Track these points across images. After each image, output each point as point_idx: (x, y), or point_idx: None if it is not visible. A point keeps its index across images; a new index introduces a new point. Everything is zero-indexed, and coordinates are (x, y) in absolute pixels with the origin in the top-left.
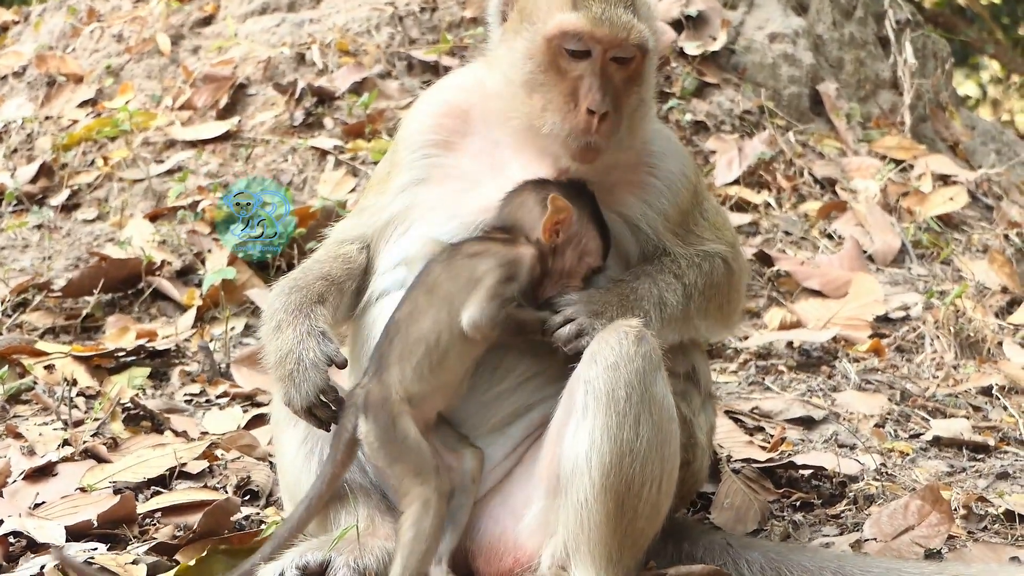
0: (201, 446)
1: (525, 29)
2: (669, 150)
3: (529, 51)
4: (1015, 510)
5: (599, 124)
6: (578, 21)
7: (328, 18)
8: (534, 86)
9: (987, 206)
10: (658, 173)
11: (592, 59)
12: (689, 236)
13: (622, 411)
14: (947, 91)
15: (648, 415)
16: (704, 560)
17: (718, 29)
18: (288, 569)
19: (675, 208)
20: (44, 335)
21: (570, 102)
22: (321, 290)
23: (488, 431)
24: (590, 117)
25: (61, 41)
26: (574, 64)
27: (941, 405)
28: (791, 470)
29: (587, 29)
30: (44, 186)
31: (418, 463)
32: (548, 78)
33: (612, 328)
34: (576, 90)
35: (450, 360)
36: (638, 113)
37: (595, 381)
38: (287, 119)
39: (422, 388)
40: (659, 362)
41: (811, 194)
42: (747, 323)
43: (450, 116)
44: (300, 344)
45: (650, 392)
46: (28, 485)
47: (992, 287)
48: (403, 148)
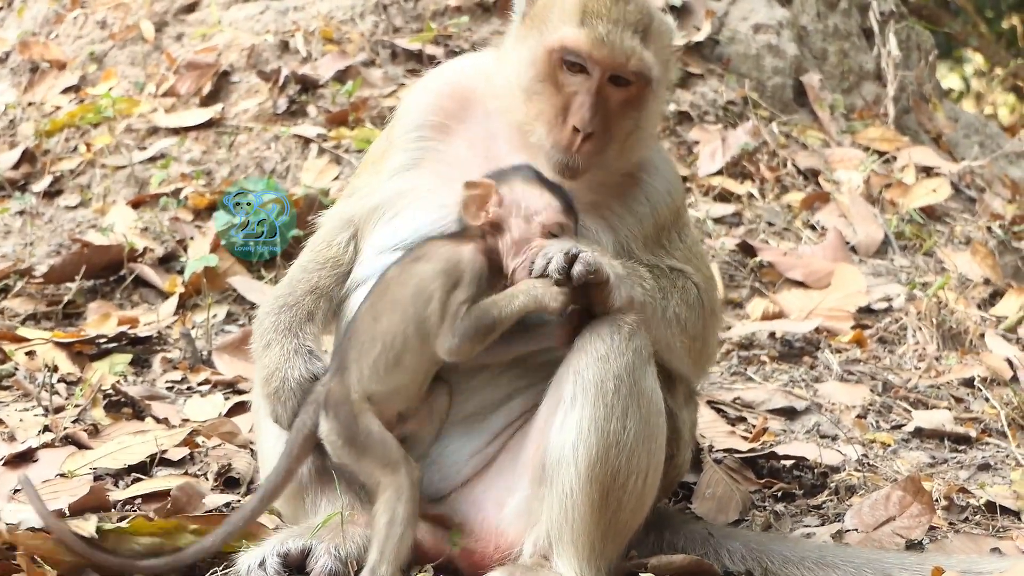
0: (182, 433)
1: (534, 35)
2: (661, 170)
3: (533, 58)
4: (996, 501)
5: (582, 143)
6: (580, 39)
7: (312, 6)
8: (532, 93)
9: (970, 198)
10: (644, 187)
11: (589, 77)
12: (659, 250)
13: (610, 403)
14: (931, 83)
15: (636, 408)
16: (685, 550)
17: (702, 19)
18: (269, 556)
19: (653, 221)
20: (25, 321)
21: (560, 116)
22: (310, 307)
23: (465, 419)
24: (574, 135)
25: (44, 27)
26: (572, 79)
27: (923, 396)
28: (773, 460)
29: (587, 49)
30: (26, 172)
31: (384, 455)
32: (545, 88)
33: (605, 320)
34: (568, 105)
35: (406, 362)
36: (632, 138)
37: (584, 372)
38: (270, 107)
39: (380, 388)
40: (649, 357)
41: (794, 185)
42: (730, 313)
43: (451, 99)
44: (286, 362)
45: (639, 386)
46: (8, 471)
47: (974, 279)
48: (399, 127)
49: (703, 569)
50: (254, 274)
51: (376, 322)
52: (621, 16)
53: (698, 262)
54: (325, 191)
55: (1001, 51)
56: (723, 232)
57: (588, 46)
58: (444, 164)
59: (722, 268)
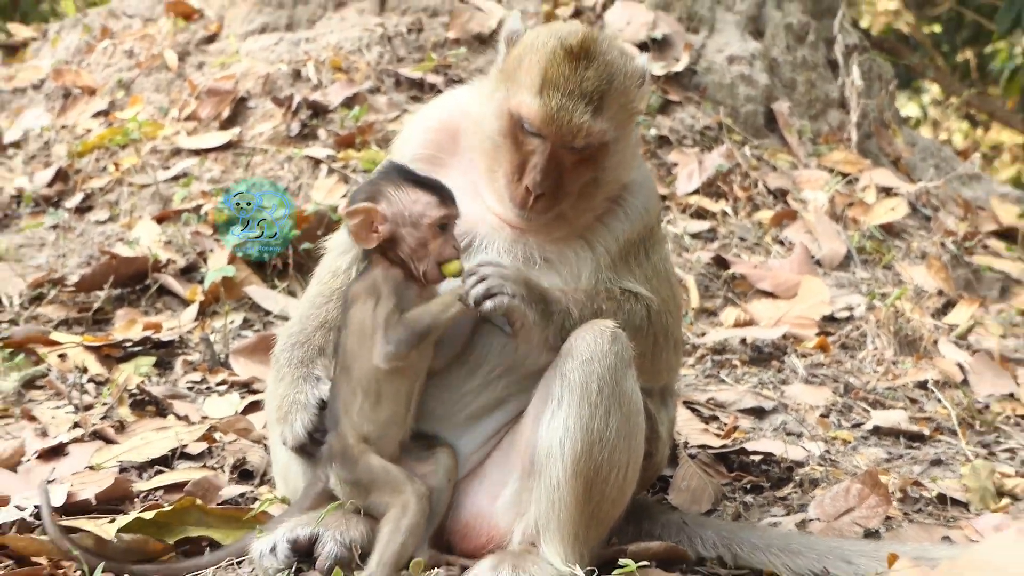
0: (201, 429)
1: (502, 90)
2: (642, 188)
3: (499, 112)
4: (947, 494)
5: (534, 202)
6: (533, 111)
7: (323, 37)
8: (496, 144)
9: (926, 216)
10: (625, 205)
11: (544, 142)
12: (623, 268)
13: (594, 403)
14: (890, 111)
15: (618, 407)
16: (662, 537)
17: (681, 51)
18: (280, 542)
19: (626, 237)
20: (58, 326)
21: (517, 173)
22: (320, 342)
23: (462, 423)
24: (527, 194)
25: (76, 56)
26: (530, 139)
27: (881, 398)
28: (743, 456)
29: (537, 123)
30: (60, 190)
31: (391, 483)
32: (506, 144)
33: (588, 326)
34: (525, 164)
35: (386, 397)
36: (591, 188)
37: (570, 375)
38: (284, 130)
39: (372, 428)
40: (630, 360)
41: (764, 203)
42: (704, 321)
43: (442, 133)
44: (295, 389)
45: (620, 387)
46: (41, 464)
47: (929, 290)
48: (397, 159)
49: (678, 555)
50: (268, 284)
51: (348, 373)
52: (577, 87)
53: (658, 282)
54: (334, 208)
55: (956, 82)
56: (699, 247)
57: (539, 120)
58: None
59: (698, 279)
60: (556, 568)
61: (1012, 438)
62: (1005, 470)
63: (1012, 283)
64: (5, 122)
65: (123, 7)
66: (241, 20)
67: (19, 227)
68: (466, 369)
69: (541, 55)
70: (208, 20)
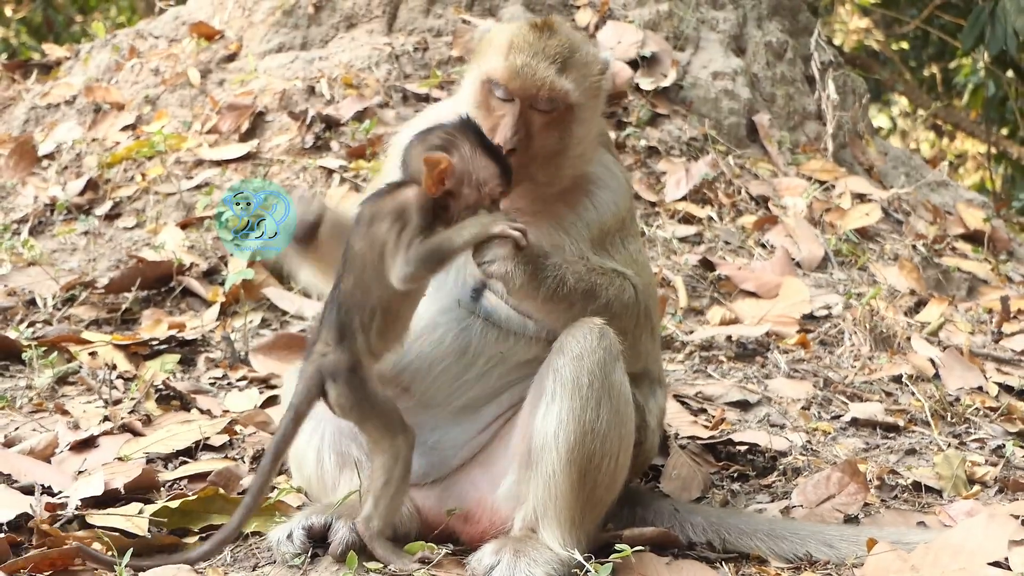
0: (223, 422)
1: (473, 68)
2: (608, 183)
3: (472, 88)
4: (921, 482)
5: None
6: (500, 71)
7: (335, 56)
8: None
9: (898, 220)
10: (592, 197)
11: (514, 103)
12: (603, 253)
13: (585, 396)
14: (864, 122)
15: (608, 399)
16: (654, 523)
17: (669, 68)
18: (296, 529)
19: (599, 226)
20: (89, 326)
21: (490, 135)
22: None
23: (459, 410)
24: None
25: (106, 74)
26: (501, 104)
27: (858, 391)
28: (730, 446)
29: (503, 80)
30: (90, 198)
31: (387, 419)
32: (479, 114)
33: (578, 324)
34: (496, 127)
35: (403, 313)
36: (559, 156)
37: (562, 369)
38: (299, 142)
39: (385, 345)
40: (618, 353)
41: (747, 209)
42: (692, 319)
43: None
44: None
45: (610, 379)
46: (73, 455)
47: (902, 290)
48: (391, 166)
49: (670, 539)
50: (285, 285)
51: (367, 294)
52: (540, 49)
53: (638, 268)
54: None
55: (923, 95)
56: (686, 250)
57: (506, 77)
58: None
59: (686, 280)
60: (554, 552)
61: (981, 429)
62: (975, 459)
63: (979, 283)
64: (40, 135)
65: (150, 28)
66: (259, 40)
67: (53, 233)
68: (464, 360)
69: (508, 31)
70: (228, 40)
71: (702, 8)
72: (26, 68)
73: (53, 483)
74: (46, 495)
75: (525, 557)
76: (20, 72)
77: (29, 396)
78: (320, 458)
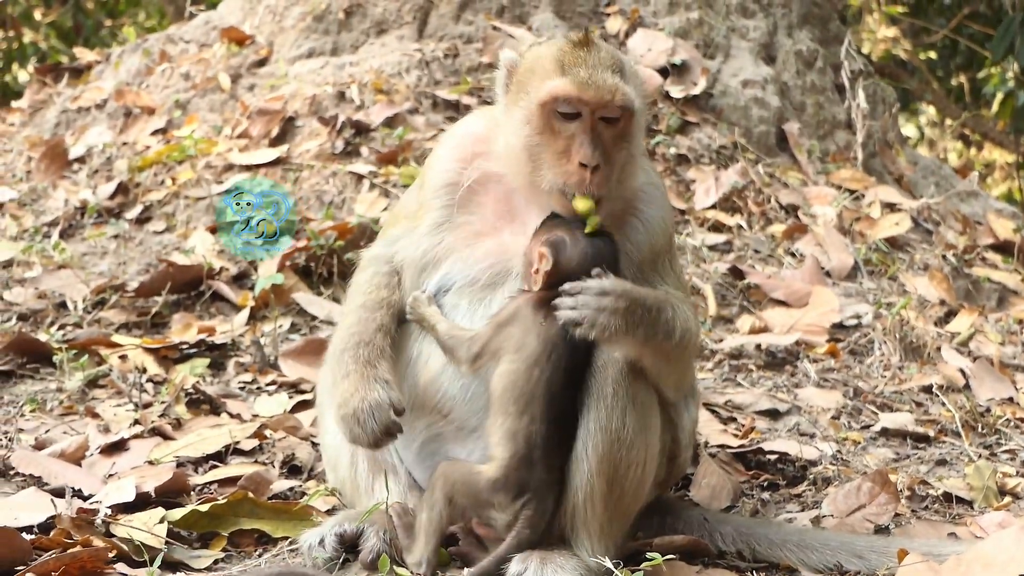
0: (252, 427)
1: (522, 99)
2: (655, 200)
3: (526, 118)
4: (952, 492)
5: (592, 176)
6: (567, 86)
7: (365, 62)
8: (532, 148)
9: (927, 230)
10: (641, 216)
11: (582, 119)
12: (654, 276)
13: (610, 405)
14: (893, 131)
15: (632, 407)
16: (684, 532)
17: (699, 76)
18: (328, 535)
19: (649, 247)
20: (119, 329)
21: (564, 158)
22: (381, 343)
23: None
24: (583, 170)
25: (137, 78)
26: (566, 125)
27: (888, 401)
28: (759, 455)
29: (575, 93)
30: (121, 202)
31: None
32: (544, 139)
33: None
34: (569, 148)
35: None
36: (628, 167)
37: (587, 381)
38: (329, 147)
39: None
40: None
41: (777, 218)
42: (721, 328)
43: (472, 158)
44: (366, 387)
45: (632, 388)
46: (104, 458)
47: (932, 300)
48: (428, 187)
49: (699, 548)
50: (314, 291)
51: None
52: (597, 61)
53: (684, 292)
54: (376, 220)
55: (951, 104)
56: (716, 258)
57: (576, 90)
58: (472, 221)
59: (715, 289)
60: (583, 559)
61: (1012, 440)
62: (1007, 470)
63: (1009, 293)
64: (71, 139)
65: (180, 33)
66: (289, 45)
67: (83, 237)
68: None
69: (551, 54)
70: (259, 45)
71: (732, 16)
72: (57, 72)
73: (83, 486)
74: (76, 498)
75: (551, 564)
76: (51, 76)
77: (59, 399)
78: (354, 462)
